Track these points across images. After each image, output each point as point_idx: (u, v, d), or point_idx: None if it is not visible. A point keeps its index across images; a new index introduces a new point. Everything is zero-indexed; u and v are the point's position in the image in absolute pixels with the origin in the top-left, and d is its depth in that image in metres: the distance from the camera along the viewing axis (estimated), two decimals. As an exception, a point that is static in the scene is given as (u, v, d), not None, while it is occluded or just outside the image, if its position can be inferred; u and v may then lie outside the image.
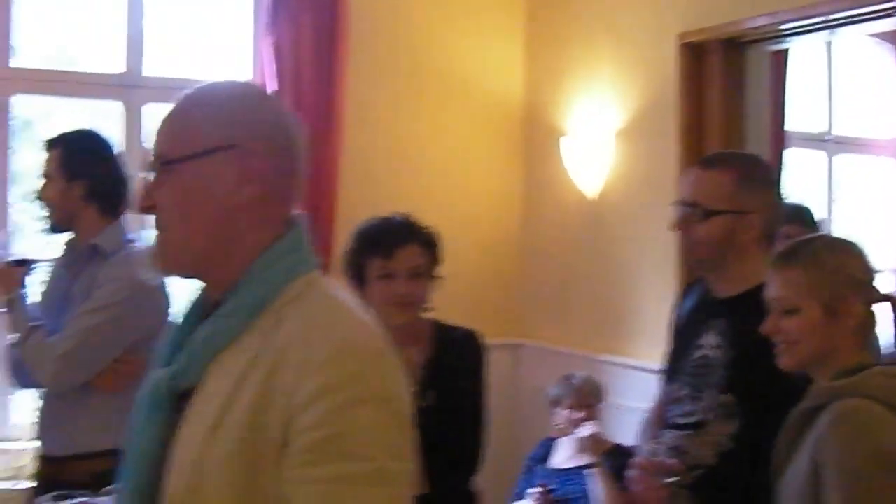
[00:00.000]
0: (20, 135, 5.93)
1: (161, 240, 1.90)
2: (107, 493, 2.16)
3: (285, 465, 1.69)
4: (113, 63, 6.02)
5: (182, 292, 3.83)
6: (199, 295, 1.97)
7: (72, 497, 2.24)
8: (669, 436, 3.22)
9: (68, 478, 3.72)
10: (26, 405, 4.85)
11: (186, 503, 1.76)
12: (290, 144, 1.91)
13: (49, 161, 3.92)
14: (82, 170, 3.89)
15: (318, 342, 1.73)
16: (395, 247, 3.47)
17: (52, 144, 3.95)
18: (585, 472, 4.86)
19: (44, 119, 6.36)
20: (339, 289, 1.93)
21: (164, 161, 1.86)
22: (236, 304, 1.83)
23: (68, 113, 6.31)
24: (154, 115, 5.93)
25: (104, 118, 5.86)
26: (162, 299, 3.89)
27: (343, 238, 3.78)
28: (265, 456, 1.70)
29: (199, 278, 1.95)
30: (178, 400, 1.84)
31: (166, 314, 3.90)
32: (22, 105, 5.89)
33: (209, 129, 1.86)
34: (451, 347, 3.62)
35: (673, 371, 3.34)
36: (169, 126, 1.91)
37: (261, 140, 1.86)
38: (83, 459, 3.77)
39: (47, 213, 3.93)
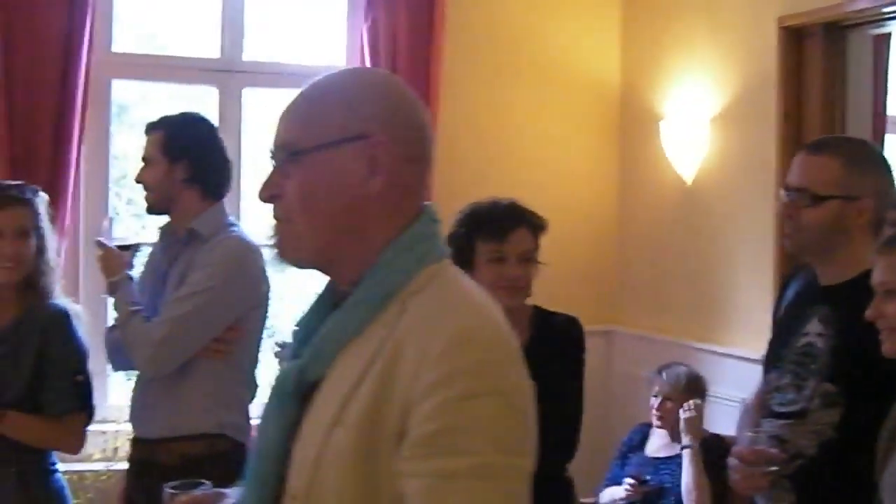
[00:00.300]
0: (116, 120, 6.01)
1: (284, 231, 1.87)
2: (234, 484, 2.16)
3: (399, 458, 1.67)
4: (210, 48, 6.07)
5: (278, 274, 3.88)
6: (327, 285, 1.94)
7: (200, 485, 2.23)
8: (770, 424, 3.17)
9: (160, 460, 3.80)
10: (122, 387, 4.91)
11: (308, 495, 1.75)
12: (419, 133, 1.87)
13: (151, 143, 3.92)
14: (185, 152, 3.88)
15: (437, 333, 1.69)
16: (508, 230, 3.49)
17: (153, 127, 3.95)
18: (682, 451, 4.85)
19: (139, 104, 6.44)
20: (466, 278, 1.88)
21: (293, 151, 1.83)
22: (362, 296, 1.80)
23: (163, 98, 6.37)
24: (252, 99, 5.97)
25: (199, 103, 5.91)
26: (259, 282, 3.90)
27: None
28: (383, 449, 1.68)
29: (323, 270, 1.92)
30: (306, 392, 1.81)
31: (265, 296, 3.94)
32: (117, 90, 5.97)
33: (339, 119, 1.82)
34: (551, 333, 3.62)
35: (775, 359, 3.28)
36: (296, 115, 1.87)
37: (390, 129, 1.82)
38: (175, 442, 3.80)
39: (147, 195, 3.94)
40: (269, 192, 1.87)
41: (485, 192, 3.71)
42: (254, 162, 5.74)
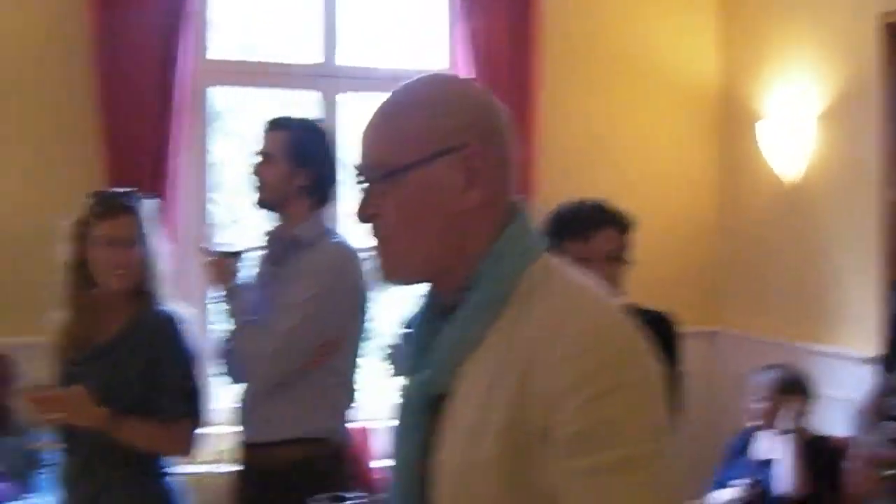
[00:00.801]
0: (210, 126, 6.05)
1: (385, 250, 1.84)
2: (379, 499, 2.14)
3: (550, 459, 1.65)
4: (306, 53, 6.10)
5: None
6: (430, 296, 1.92)
7: (347, 499, 2.22)
8: (888, 427, 3.12)
9: (268, 464, 3.82)
10: (227, 391, 4.95)
11: None
12: (505, 133, 1.86)
13: (273, 141, 3.89)
14: (309, 160, 3.87)
15: (567, 335, 1.67)
16: (593, 230, 3.47)
17: (277, 125, 3.93)
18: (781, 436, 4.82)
19: (232, 111, 6.47)
20: (572, 269, 1.85)
21: (388, 171, 1.79)
22: (475, 304, 1.78)
23: (257, 104, 6.40)
24: (349, 104, 5.98)
25: (295, 109, 5.92)
26: (361, 288, 3.88)
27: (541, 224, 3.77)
28: (530, 452, 1.67)
29: (427, 282, 1.90)
30: (435, 405, 1.80)
31: (365, 301, 3.91)
32: (211, 96, 6.02)
33: (432, 133, 1.79)
34: (644, 329, 3.58)
35: (892, 361, 3.23)
36: (385, 131, 1.83)
37: (482, 136, 1.80)
38: (282, 446, 3.82)
39: (260, 190, 3.91)
40: (367, 213, 1.84)
41: (585, 193, 3.68)
42: (348, 166, 5.73)
